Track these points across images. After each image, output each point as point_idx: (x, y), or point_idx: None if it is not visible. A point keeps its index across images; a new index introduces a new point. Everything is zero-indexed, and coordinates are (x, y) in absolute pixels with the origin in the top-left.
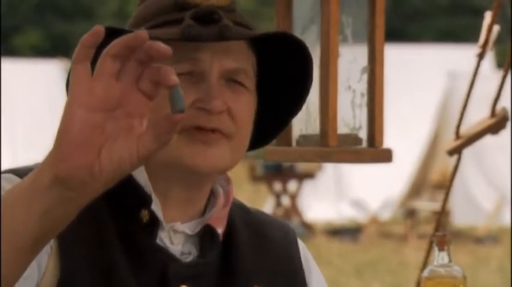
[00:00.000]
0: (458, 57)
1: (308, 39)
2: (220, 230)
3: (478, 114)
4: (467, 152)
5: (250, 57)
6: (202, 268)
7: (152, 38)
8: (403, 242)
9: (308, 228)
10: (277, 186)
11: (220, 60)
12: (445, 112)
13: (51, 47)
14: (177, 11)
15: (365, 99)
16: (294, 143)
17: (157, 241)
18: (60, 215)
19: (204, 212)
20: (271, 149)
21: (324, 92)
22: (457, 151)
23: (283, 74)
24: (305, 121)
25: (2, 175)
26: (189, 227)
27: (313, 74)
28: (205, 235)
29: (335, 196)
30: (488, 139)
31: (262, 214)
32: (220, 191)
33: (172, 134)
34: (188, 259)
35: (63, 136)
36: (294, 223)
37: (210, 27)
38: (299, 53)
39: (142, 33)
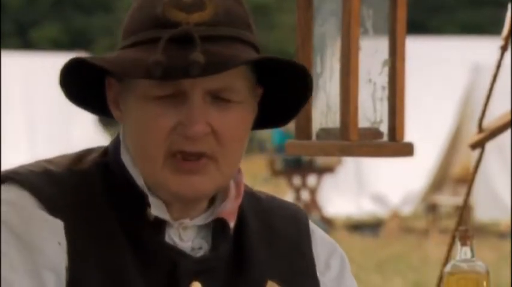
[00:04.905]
0: (482, 50)
1: (329, 32)
2: (232, 224)
3: (501, 108)
4: (490, 146)
5: (240, 70)
6: (213, 262)
7: (121, 74)
8: (425, 237)
9: (328, 223)
10: (297, 180)
11: (203, 81)
12: (468, 105)
13: (70, 41)
14: (157, 27)
15: (386, 92)
16: (314, 137)
17: (166, 238)
18: None
19: (212, 202)
20: (292, 143)
21: (344, 85)
22: (480, 145)
23: (283, 81)
24: (325, 114)
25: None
26: (199, 221)
27: (312, 89)
28: (217, 228)
29: (355, 191)
30: None
31: (273, 199)
32: (231, 182)
33: None
34: (199, 254)
35: None
36: (313, 217)
37: (183, 56)
38: (299, 69)
39: None
